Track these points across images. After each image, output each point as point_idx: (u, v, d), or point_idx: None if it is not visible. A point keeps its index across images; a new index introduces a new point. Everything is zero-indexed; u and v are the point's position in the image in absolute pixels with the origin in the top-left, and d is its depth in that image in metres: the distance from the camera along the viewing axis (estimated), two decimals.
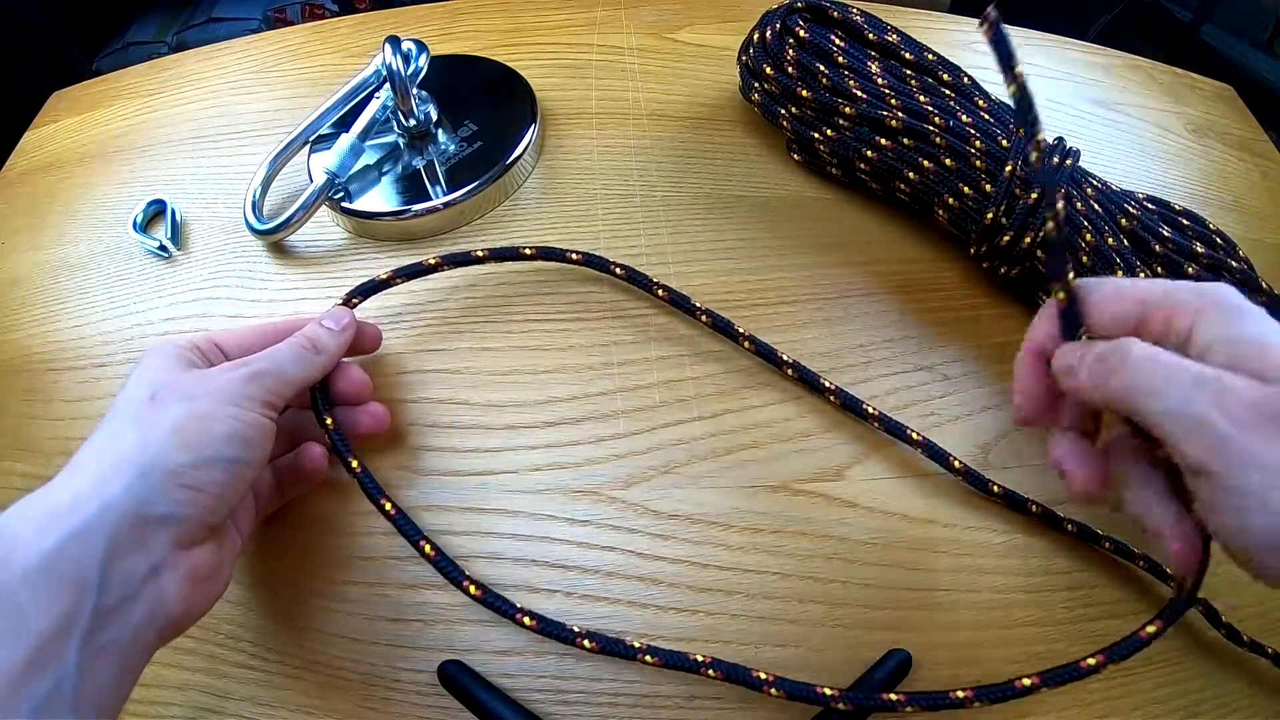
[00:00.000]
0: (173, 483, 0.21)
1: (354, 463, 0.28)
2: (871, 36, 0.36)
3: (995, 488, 0.30)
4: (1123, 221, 0.32)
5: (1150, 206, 0.34)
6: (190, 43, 1.05)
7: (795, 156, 0.39)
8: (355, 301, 0.31)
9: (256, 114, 0.43)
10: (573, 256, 0.34)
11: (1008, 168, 0.31)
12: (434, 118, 0.39)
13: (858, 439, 0.32)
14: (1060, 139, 0.33)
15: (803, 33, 0.36)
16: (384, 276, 0.32)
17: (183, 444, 0.22)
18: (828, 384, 0.32)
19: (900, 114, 0.34)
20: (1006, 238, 0.32)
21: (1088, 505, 0.30)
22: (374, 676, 0.27)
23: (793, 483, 0.31)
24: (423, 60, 0.37)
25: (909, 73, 0.35)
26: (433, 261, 0.32)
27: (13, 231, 0.40)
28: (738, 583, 0.29)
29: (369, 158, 0.38)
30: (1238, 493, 0.18)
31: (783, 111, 0.38)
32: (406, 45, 0.37)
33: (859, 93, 0.35)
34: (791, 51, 0.36)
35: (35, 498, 0.21)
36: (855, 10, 0.37)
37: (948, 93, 0.35)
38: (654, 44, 0.45)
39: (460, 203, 0.37)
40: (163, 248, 0.37)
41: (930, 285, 0.36)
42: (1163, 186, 0.41)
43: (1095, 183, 0.33)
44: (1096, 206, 0.31)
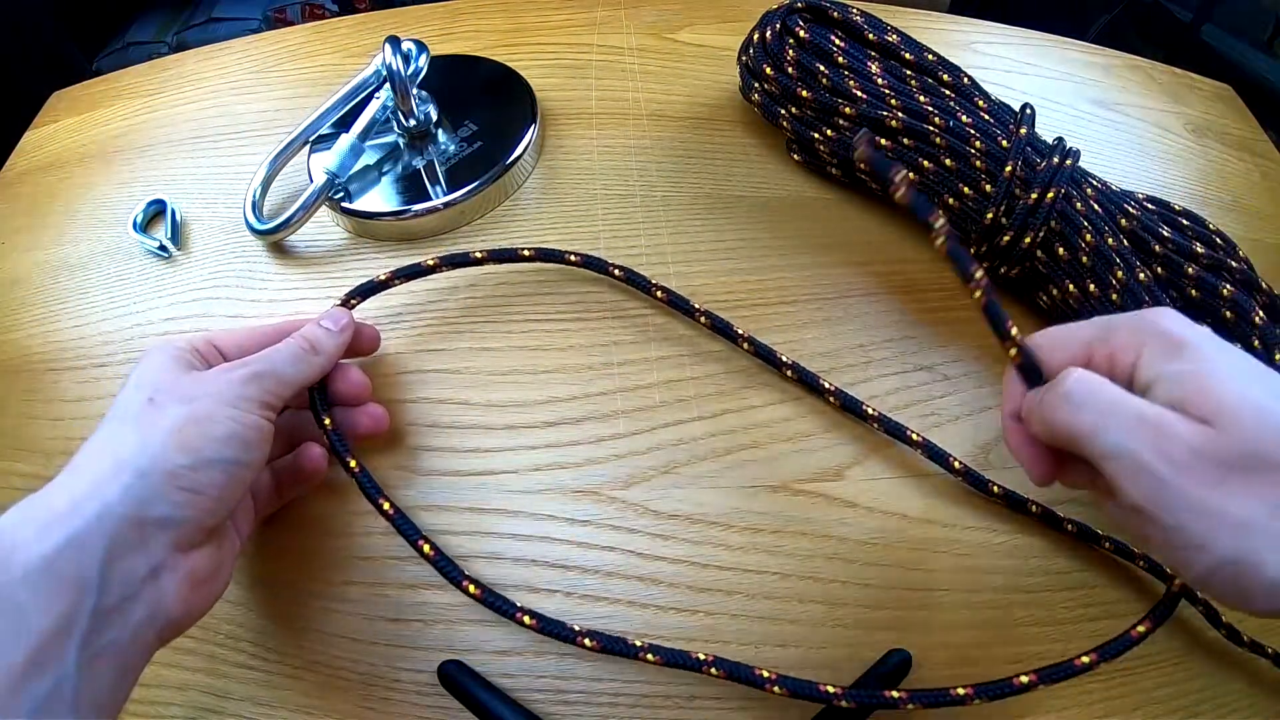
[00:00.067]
0: (171, 485, 0.21)
1: (352, 463, 0.28)
2: (871, 36, 0.36)
3: (995, 488, 0.30)
4: (1123, 222, 0.32)
5: (1150, 206, 0.34)
6: (190, 43, 1.05)
7: (795, 156, 0.39)
8: (354, 302, 0.31)
9: (256, 114, 0.43)
10: (571, 258, 0.34)
11: (1008, 168, 0.31)
12: (434, 118, 0.39)
13: (858, 439, 0.32)
14: (1060, 139, 0.33)
15: (803, 33, 0.36)
16: (383, 277, 0.32)
17: (181, 446, 0.22)
18: (827, 385, 0.32)
19: (900, 114, 0.34)
20: (1006, 238, 0.32)
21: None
22: (374, 676, 0.27)
23: (793, 483, 0.31)
24: (423, 60, 0.37)
25: (909, 73, 0.35)
26: (431, 262, 0.32)
27: (13, 231, 0.40)
28: (738, 583, 0.29)
29: (369, 158, 0.38)
30: (1177, 534, 0.18)
31: (783, 111, 0.38)
32: (406, 45, 0.37)
33: (859, 93, 0.35)
34: (791, 52, 0.36)
35: (35, 499, 0.21)
36: (855, 10, 0.37)
37: (948, 93, 0.35)
38: (654, 44, 0.45)
39: (460, 203, 0.37)
40: (163, 248, 0.37)
41: (930, 285, 0.36)
42: (1163, 186, 0.41)
43: (1095, 183, 0.33)
44: (1096, 207, 0.31)
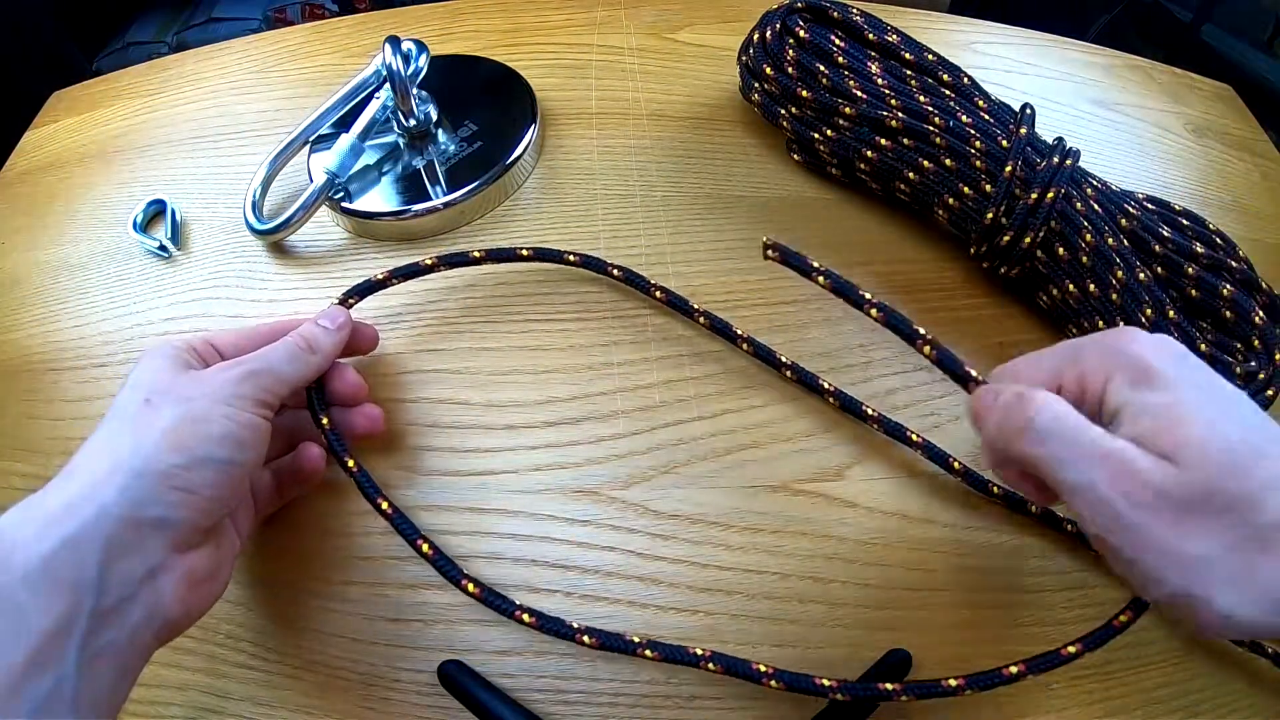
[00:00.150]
0: (166, 485, 0.21)
1: (350, 462, 0.28)
2: (871, 36, 0.36)
3: (995, 488, 0.30)
4: (1123, 222, 0.32)
5: (1150, 206, 0.34)
6: (190, 43, 1.05)
7: (795, 156, 0.39)
8: (352, 301, 0.31)
9: (256, 114, 0.43)
10: (570, 258, 0.34)
11: (1008, 168, 0.31)
12: (434, 118, 0.39)
13: (858, 439, 0.32)
14: (1060, 139, 0.33)
15: (803, 33, 0.36)
16: (381, 276, 0.32)
17: (175, 446, 0.22)
18: (827, 385, 0.32)
19: (900, 114, 0.34)
20: (1006, 238, 0.32)
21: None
22: (374, 676, 0.27)
23: (793, 483, 0.31)
24: (423, 60, 0.37)
25: (909, 73, 0.35)
26: (429, 262, 0.32)
27: (13, 231, 0.40)
28: (738, 583, 0.29)
29: (369, 158, 0.38)
30: (1134, 565, 0.18)
31: (783, 111, 0.38)
32: (406, 45, 0.37)
33: (859, 93, 0.35)
34: (791, 52, 0.36)
35: (34, 500, 0.21)
36: (855, 10, 0.37)
37: (948, 93, 0.35)
38: (654, 44, 0.45)
39: (460, 203, 0.37)
40: (163, 248, 0.37)
41: (930, 285, 0.36)
42: (1163, 186, 0.41)
43: (1095, 183, 0.33)
44: (1096, 207, 0.31)
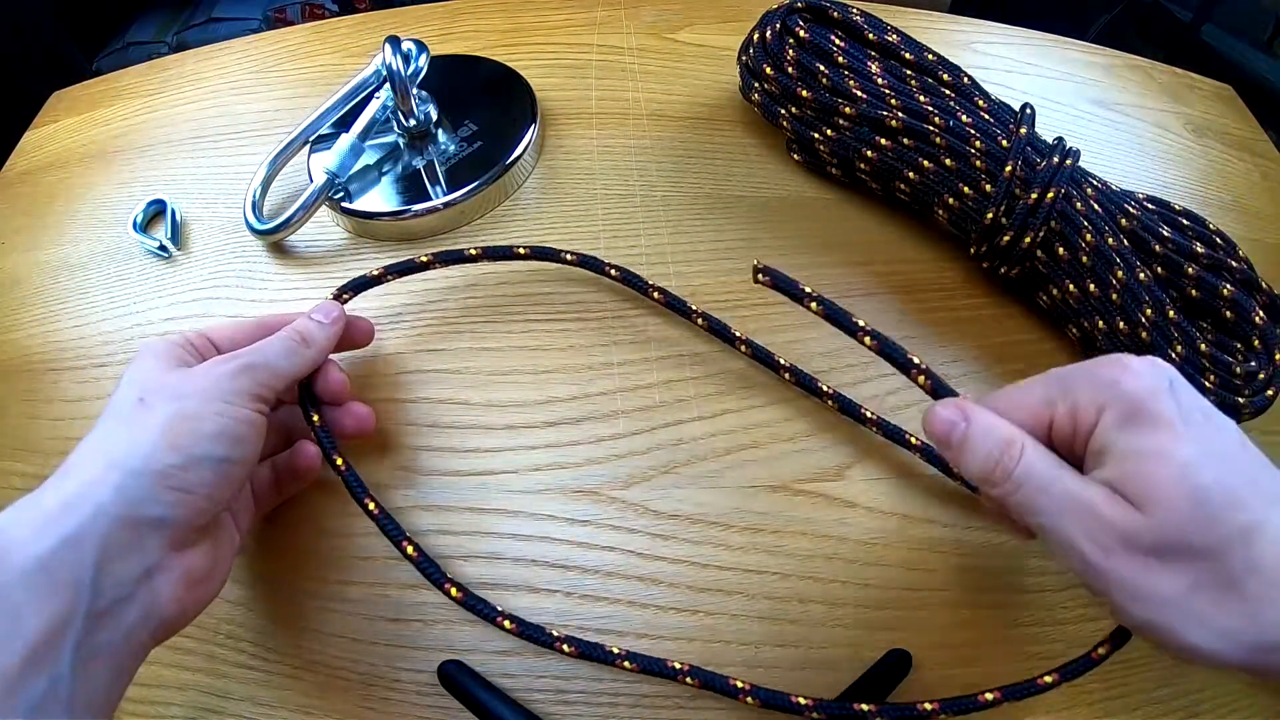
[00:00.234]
0: (162, 485, 0.21)
1: (339, 461, 0.28)
2: (871, 36, 0.36)
3: None
4: (1123, 221, 0.32)
5: (1150, 206, 0.34)
6: (190, 43, 1.05)
7: (795, 156, 0.39)
8: (346, 297, 0.31)
9: (256, 114, 0.43)
10: (567, 257, 0.34)
11: (1008, 168, 0.31)
12: (434, 118, 0.39)
13: (858, 439, 0.32)
14: (1060, 139, 0.33)
15: (803, 33, 0.36)
16: (375, 273, 0.32)
17: (171, 445, 0.22)
18: (825, 388, 0.31)
19: (900, 114, 0.34)
20: (1006, 238, 0.32)
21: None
22: (374, 676, 0.27)
23: (793, 483, 0.31)
24: (423, 60, 0.37)
25: (909, 73, 0.35)
26: (425, 259, 0.32)
27: (13, 231, 0.40)
28: (738, 583, 0.29)
29: (369, 158, 0.38)
30: (1103, 597, 0.20)
31: (783, 111, 0.38)
32: (406, 45, 0.37)
33: (859, 93, 0.35)
34: (791, 51, 0.36)
35: (30, 500, 0.21)
36: (855, 10, 0.37)
37: (948, 93, 0.35)
38: (654, 44, 0.45)
39: (460, 203, 0.37)
40: (163, 248, 0.37)
41: (930, 285, 0.36)
42: (1163, 186, 0.41)
43: (1095, 183, 0.33)
44: (1096, 206, 0.31)
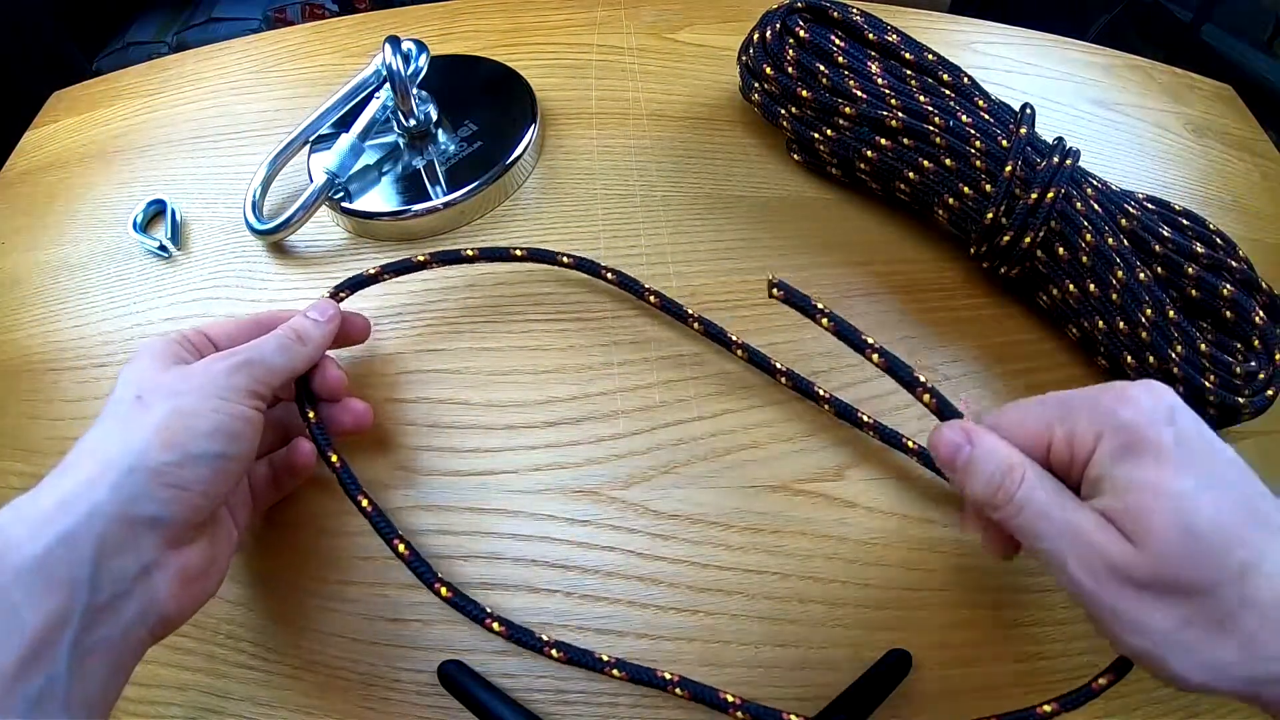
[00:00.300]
0: (157, 482, 0.21)
1: (334, 457, 0.28)
2: (871, 36, 0.36)
3: None
4: (1123, 221, 0.32)
5: (1150, 206, 0.34)
6: (190, 43, 1.05)
7: (795, 156, 0.39)
8: (342, 295, 0.31)
9: (256, 114, 0.43)
10: (564, 259, 0.34)
11: (1008, 168, 0.31)
12: (434, 118, 0.39)
13: (857, 439, 0.32)
14: (1060, 139, 0.33)
15: (803, 33, 0.36)
16: (372, 272, 0.31)
17: (166, 443, 0.22)
18: (822, 392, 0.31)
19: (900, 114, 0.34)
20: (1006, 238, 0.32)
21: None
22: (374, 676, 0.27)
23: (793, 483, 0.31)
24: (423, 60, 0.37)
25: (909, 73, 0.35)
26: (421, 258, 0.32)
27: (13, 231, 0.40)
28: (738, 583, 0.29)
29: (369, 158, 0.38)
30: (1096, 624, 0.20)
31: (783, 111, 0.38)
32: (406, 45, 0.37)
33: (859, 93, 0.35)
34: (791, 51, 0.36)
35: (27, 498, 0.21)
36: (855, 10, 0.37)
37: (948, 93, 0.35)
38: (654, 44, 0.45)
39: (460, 203, 0.37)
40: (163, 248, 0.37)
41: (930, 285, 0.36)
42: (1163, 186, 0.41)
43: (1095, 183, 0.33)
44: (1096, 206, 0.31)
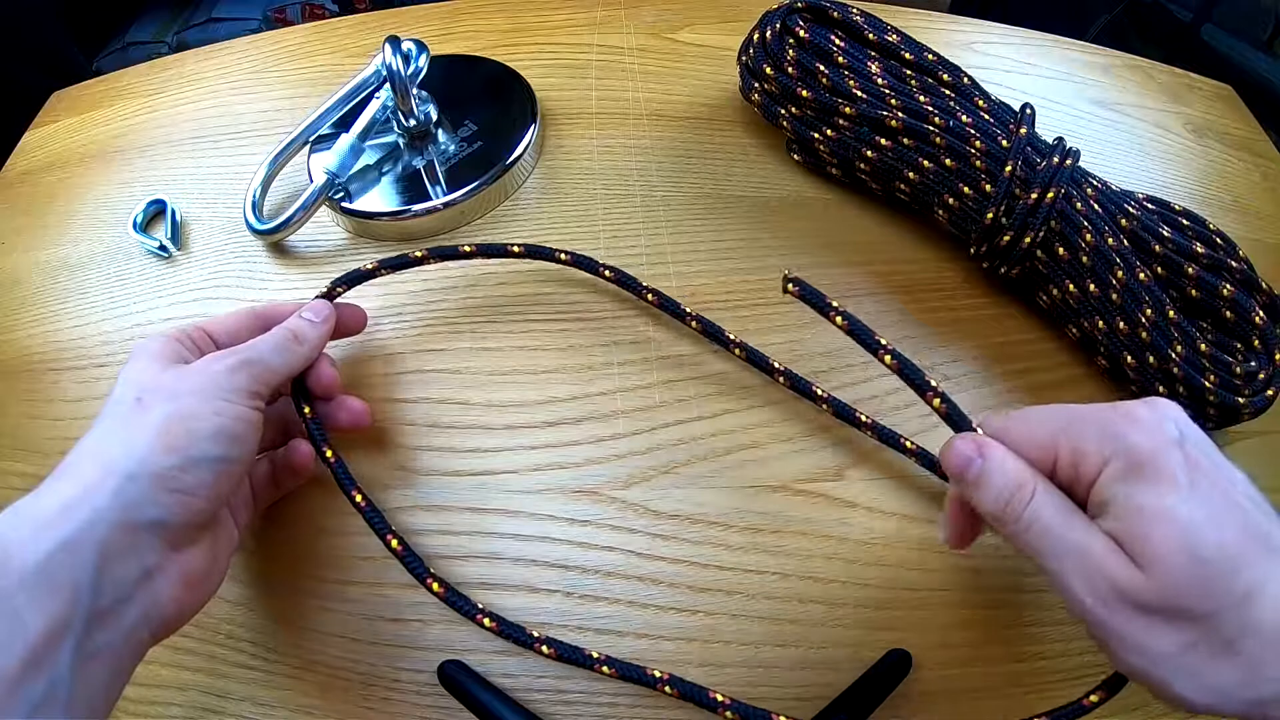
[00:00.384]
0: (159, 487, 0.21)
1: (329, 453, 0.28)
2: (871, 36, 0.36)
3: None
4: (1123, 221, 0.32)
5: (1150, 206, 0.34)
6: (190, 43, 1.05)
7: (795, 156, 0.39)
8: (339, 290, 0.31)
9: (256, 114, 0.43)
10: (561, 256, 0.34)
11: (1008, 168, 0.31)
12: (434, 118, 0.39)
13: (857, 439, 0.32)
14: (1060, 139, 0.33)
15: (803, 33, 0.36)
16: (369, 267, 0.31)
17: (168, 447, 0.22)
18: (820, 392, 0.31)
19: (900, 114, 0.34)
20: (1006, 238, 0.32)
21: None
22: (374, 676, 0.27)
23: (793, 483, 0.31)
24: (423, 60, 0.37)
25: (909, 73, 0.35)
26: (419, 254, 0.32)
27: (13, 231, 0.40)
28: (738, 583, 0.29)
29: (369, 158, 0.38)
30: (1100, 642, 0.20)
31: (783, 111, 0.38)
32: (406, 45, 0.37)
33: (859, 93, 0.35)
34: (791, 51, 0.36)
35: (28, 502, 0.21)
36: (855, 10, 0.37)
37: (948, 93, 0.35)
38: (654, 44, 0.45)
39: (460, 203, 0.37)
40: (163, 248, 0.37)
41: (930, 285, 0.36)
42: (1163, 186, 0.41)
43: (1095, 183, 0.33)
44: (1096, 206, 0.31)
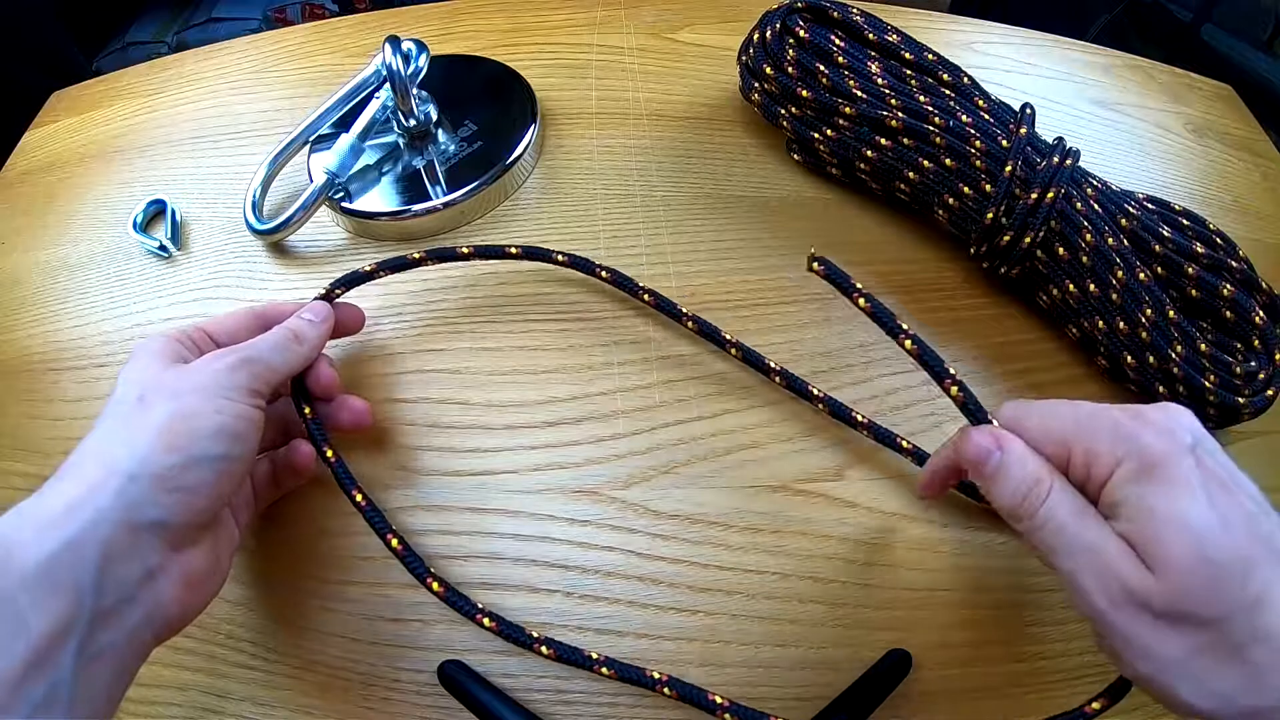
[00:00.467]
0: (161, 487, 0.21)
1: (329, 452, 0.28)
2: (871, 36, 0.36)
3: None
4: (1123, 221, 0.32)
5: (1150, 206, 0.34)
6: (190, 43, 1.05)
7: (795, 156, 0.39)
8: (338, 292, 0.31)
9: (256, 114, 0.43)
10: (559, 258, 0.34)
11: (1008, 168, 0.31)
12: (434, 118, 0.39)
13: (856, 439, 0.32)
14: (1060, 139, 0.33)
15: (803, 33, 0.36)
16: (368, 268, 0.31)
17: (169, 446, 0.22)
18: (816, 392, 0.31)
19: (900, 114, 0.34)
20: (1006, 238, 0.32)
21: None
22: (374, 676, 0.27)
23: (793, 483, 0.31)
24: (423, 60, 0.37)
25: (909, 73, 0.35)
26: (417, 255, 0.32)
27: (13, 231, 0.40)
28: (738, 583, 0.29)
29: (369, 158, 0.38)
30: (1107, 645, 0.21)
31: (783, 111, 0.38)
32: (406, 45, 0.37)
33: (859, 93, 0.35)
34: (791, 51, 0.36)
35: (31, 502, 0.21)
36: (855, 10, 0.37)
37: (948, 93, 0.35)
38: (654, 44, 0.45)
39: (460, 203, 0.37)
40: (163, 248, 0.37)
41: (930, 285, 0.36)
42: (1163, 186, 0.41)
43: (1095, 183, 0.33)
44: (1096, 206, 0.31)
